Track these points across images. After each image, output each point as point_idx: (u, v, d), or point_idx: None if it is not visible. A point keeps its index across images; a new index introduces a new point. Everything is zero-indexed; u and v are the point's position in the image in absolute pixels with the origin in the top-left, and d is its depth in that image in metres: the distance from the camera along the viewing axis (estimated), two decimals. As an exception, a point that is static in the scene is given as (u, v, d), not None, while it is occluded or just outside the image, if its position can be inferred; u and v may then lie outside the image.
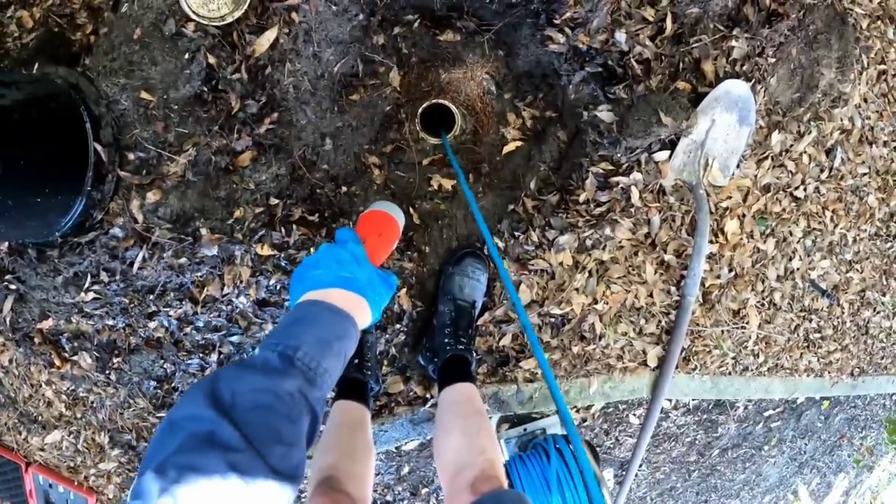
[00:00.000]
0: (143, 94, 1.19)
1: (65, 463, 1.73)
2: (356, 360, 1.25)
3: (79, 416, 1.61)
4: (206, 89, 1.23)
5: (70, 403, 1.59)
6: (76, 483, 1.74)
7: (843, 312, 1.93)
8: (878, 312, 2.07)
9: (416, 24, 1.40)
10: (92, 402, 1.56)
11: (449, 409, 1.13)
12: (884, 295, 2.05)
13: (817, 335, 1.89)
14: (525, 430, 1.58)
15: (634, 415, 1.85)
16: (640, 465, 2.14)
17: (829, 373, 2.04)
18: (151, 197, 1.22)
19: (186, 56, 1.20)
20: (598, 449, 1.81)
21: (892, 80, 1.84)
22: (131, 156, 1.21)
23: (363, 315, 0.70)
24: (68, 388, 1.54)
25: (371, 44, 1.34)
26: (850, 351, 2.06)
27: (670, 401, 1.93)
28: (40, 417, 1.66)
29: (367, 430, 1.15)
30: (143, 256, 1.23)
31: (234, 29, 1.23)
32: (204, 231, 1.23)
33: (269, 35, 1.24)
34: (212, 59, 1.21)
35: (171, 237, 1.22)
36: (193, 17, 1.18)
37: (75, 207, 1.17)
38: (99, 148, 1.16)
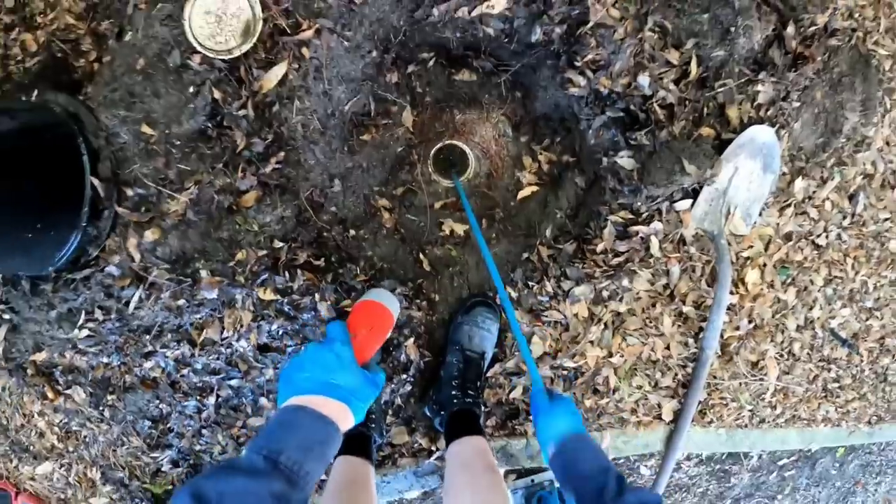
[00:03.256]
0: (145, 128, 1.13)
1: (55, 494, 1.66)
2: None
3: (71, 449, 1.55)
4: (210, 125, 1.18)
5: (62, 436, 1.53)
6: None
7: (861, 360, 1.87)
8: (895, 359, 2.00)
9: (431, 63, 1.35)
10: (85, 437, 1.50)
11: (459, 466, 1.08)
12: (903, 341, 1.98)
13: (835, 385, 1.82)
14: (532, 480, 1.55)
15: (646, 466, 1.77)
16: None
17: (846, 422, 1.97)
18: (150, 235, 1.15)
19: (191, 90, 1.14)
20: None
21: (915, 123, 1.79)
22: (130, 192, 1.15)
23: (346, 419, 0.73)
24: (61, 421, 1.49)
25: (384, 82, 1.28)
26: (868, 399, 1.99)
27: (683, 452, 1.86)
28: (32, 447, 1.60)
29: (370, 487, 1.10)
30: (139, 296, 1.17)
31: (241, 63, 1.18)
32: (204, 273, 1.16)
33: (278, 70, 1.19)
34: (217, 94, 1.16)
35: (169, 278, 1.16)
36: (200, 49, 1.13)
37: (70, 242, 1.11)
38: (96, 182, 1.11)
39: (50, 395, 1.39)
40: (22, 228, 1.02)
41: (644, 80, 1.27)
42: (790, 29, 1.33)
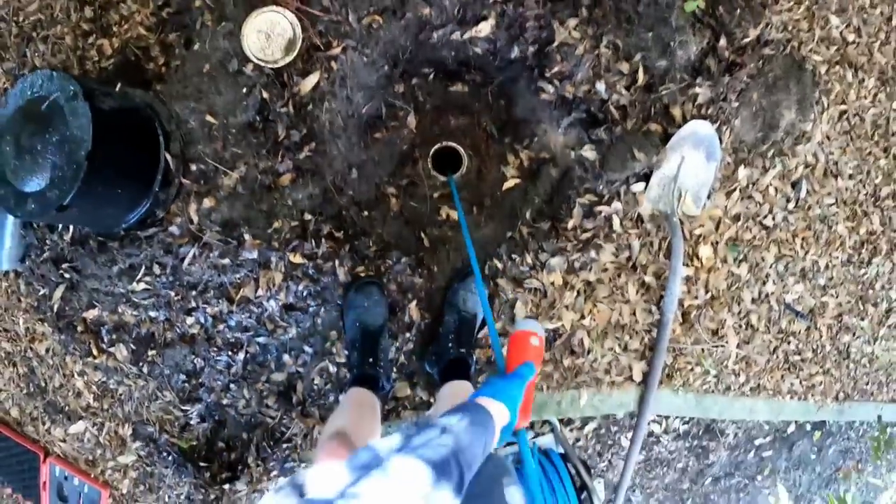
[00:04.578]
0: (208, 118, 1.42)
1: (84, 455, 1.82)
2: (371, 359, 1.41)
3: (105, 407, 1.72)
4: (258, 118, 1.46)
5: (98, 394, 1.71)
6: (92, 476, 1.82)
7: (821, 336, 2.05)
8: (857, 337, 2.19)
9: (431, 77, 1.67)
10: (120, 394, 1.67)
11: (445, 401, 1.29)
12: (862, 320, 2.17)
13: (797, 357, 2.01)
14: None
15: (626, 437, 1.95)
16: (634, 491, 2.22)
17: (813, 396, 2.14)
18: (207, 203, 1.43)
19: (244, 90, 1.44)
20: (592, 470, 1.91)
21: (853, 119, 2.03)
22: (193, 167, 1.42)
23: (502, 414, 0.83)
24: (99, 380, 1.67)
25: (393, 91, 1.60)
26: (833, 375, 2.16)
27: (660, 423, 2.04)
28: (67, 408, 1.77)
29: (376, 410, 1.32)
30: (193, 254, 1.42)
31: (284, 71, 1.47)
32: (247, 237, 1.43)
33: (313, 78, 1.48)
34: (265, 95, 1.45)
35: (219, 239, 1.42)
36: (252, 59, 1.43)
37: (144, 203, 1.39)
38: (169, 157, 1.38)
39: (94, 352, 1.58)
40: (116, 186, 1.31)
41: (601, 86, 1.55)
42: (722, 42, 1.60)
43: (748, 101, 1.69)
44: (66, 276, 1.55)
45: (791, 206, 1.85)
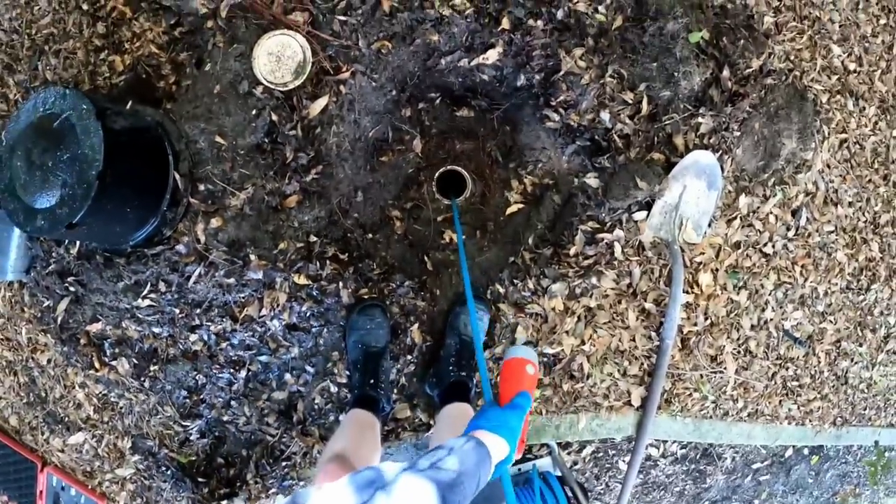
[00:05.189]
0: (217, 138, 1.44)
1: (82, 466, 1.82)
2: (372, 381, 1.42)
3: (105, 419, 1.72)
4: (267, 140, 1.48)
5: (99, 407, 1.70)
6: (90, 488, 1.80)
7: (819, 362, 2.06)
8: (855, 363, 2.19)
9: (437, 101, 1.69)
10: (121, 408, 1.67)
11: (446, 420, 1.30)
12: (860, 345, 2.18)
13: (795, 383, 2.02)
14: (519, 470, 1.71)
15: (623, 461, 1.96)
16: (633, 516, 2.21)
17: (810, 421, 2.15)
18: (214, 223, 1.44)
19: (254, 112, 1.46)
20: (589, 493, 1.92)
21: (854, 147, 2.05)
22: (201, 187, 1.44)
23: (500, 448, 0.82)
24: (100, 392, 1.67)
25: (400, 115, 1.62)
26: (831, 400, 2.17)
27: (657, 447, 2.04)
28: (67, 419, 1.76)
29: (376, 432, 1.33)
30: (199, 272, 1.44)
31: (294, 94, 1.49)
32: (253, 257, 1.45)
33: (321, 102, 1.50)
34: (274, 117, 1.47)
35: (225, 258, 1.44)
36: (263, 81, 1.45)
37: (152, 221, 1.41)
38: (177, 177, 1.40)
39: (96, 364, 1.58)
40: (125, 204, 1.32)
41: (605, 115, 1.57)
42: (726, 72, 1.63)
43: (750, 130, 1.71)
44: (71, 289, 1.56)
45: (791, 233, 1.87)
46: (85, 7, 1.65)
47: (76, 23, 1.67)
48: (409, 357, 1.57)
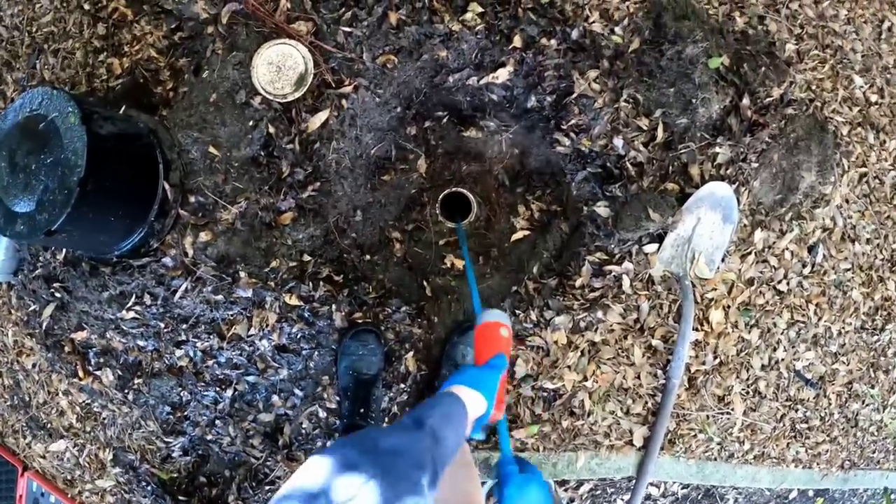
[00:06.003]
0: (211, 149, 1.38)
1: (62, 474, 1.77)
2: (362, 409, 1.36)
3: (88, 429, 1.67)
4: (262, 153, 1.42)
5: (82, 416, 1.65)
6: (69, 496, 1.77)
7: (830, 404, 1.99)
8: (866, 405, 2.12)
9: (444, 120, 1.62)
10: (104, 418, 1.62)
11: None
12: (872, 387, 2.11)
13: (804, 425, 1.94)
14: None
15: (622, 499, 1.88)
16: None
17: (818, 464, 2.07)
18: (203, 237, 1.38)
19: (251, 123, 1.40)
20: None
21: (873, 182, 1.98)
22: (192, 198, 1.38)
23: (478, 403, 0.87)
24: (84, 401, 1.62)
25: (405, 133, 1.55)
26: (840, 443, 2.09)
27: (658, 487, 1.96)
28: (49, 425, 1.72)
29: None
30: (186, 287, 1.38)
31: (293, 106, 1.43)
32: (243, 274, 1.38)
33: (322, 116, 1.44)
34: (272, 129, 1.41)
35: (213, 274, 1.38)
36: (261, 91, 1.39)
37: (138, 232, 1.34)
38: (167, 187, 1.34)
39: (80, 373, 1.53)
40: (109, 213, 1.26)
41: (619, 141, 1.50)
42: (745, 100, 1.56)
43: (768, 161, 1.64)
44: (57, 295, 1.51)
45: (806, 270, 1.79)
46: (86, 7, 1.60)
47: (77, 22, 1.63)
48: (402, 385, 1.50)
